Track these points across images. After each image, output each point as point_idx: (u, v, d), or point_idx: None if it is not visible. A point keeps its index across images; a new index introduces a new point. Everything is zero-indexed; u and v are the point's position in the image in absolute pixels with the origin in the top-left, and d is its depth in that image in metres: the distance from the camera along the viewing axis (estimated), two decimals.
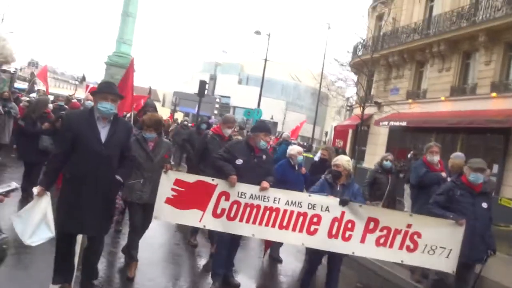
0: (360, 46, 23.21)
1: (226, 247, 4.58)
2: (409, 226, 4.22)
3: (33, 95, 18.05)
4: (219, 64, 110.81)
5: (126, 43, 56.79)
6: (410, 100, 19.93)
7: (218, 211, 4.23)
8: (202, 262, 5.69)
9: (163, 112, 34.94)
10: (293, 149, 5.94)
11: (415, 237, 4.21)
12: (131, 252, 4.53)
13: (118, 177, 3.62)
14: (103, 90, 3.63)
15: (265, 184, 4.29)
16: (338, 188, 4.46)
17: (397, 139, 20.40)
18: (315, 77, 29.54)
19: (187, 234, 6.24)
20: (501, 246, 10.02)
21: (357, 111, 22.91)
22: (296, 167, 5.81)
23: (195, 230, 5.89)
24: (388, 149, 19.39)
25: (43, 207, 3.41)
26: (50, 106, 6.88)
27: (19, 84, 31.03)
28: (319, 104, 35.50)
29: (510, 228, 12.34)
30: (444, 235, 4.23)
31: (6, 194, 2.67)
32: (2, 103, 10.26)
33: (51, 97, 14.71)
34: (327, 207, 4.21)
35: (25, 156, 6.63)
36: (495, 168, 15.14)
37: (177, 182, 4.26)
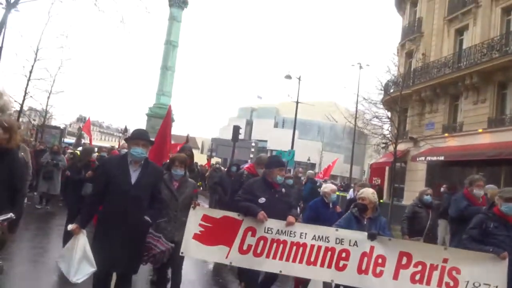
0: (391, 84, 23.28)
1: (256, 286, 4.56)
2: (445, 261, 3.93)
3: (80, 148, 19.34)
4: (255, 109, 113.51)
5: (166, 95, 59.71)
6: (446, 134, 19.52)
7: (245, 247, 4.19)
8: None
9: (201, 159, 35.93)
10: (327, 187, 5.91)
11: (454, 273, 3.88)
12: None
13: (146, 217, 3.73)
14: (135, 137, 3.89)
15: (291, 219, 4.25)
16: (364, 222, 4.36)
17: (436, 174, 19.80)
18: (350, 116, 29.58)
19: (218, 271, 6.41)
20: None
21: (392, 148, 22.65)
22: (331, 205, 5.76)
23: (241, 275, 5.79)
24: (427, 185, 18.83)
25: (81, 244, 3.61)
26: (94, 155, 7.29)
27: (68, 139, 33.29)
28: (357, 143, 35.19)
29: None
30: (486, 270, 3.88)
31: (2, 222, 3.13)
32: (52, 156, 11.18)
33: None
34: (355, 241, 4.07)
35: (71, 204, 6.90)
36: None
37: (205, 218, 4.28)
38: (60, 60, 20.46)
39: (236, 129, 23.18)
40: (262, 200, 4.45)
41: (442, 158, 18.26)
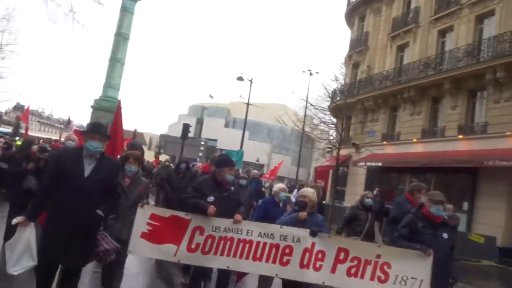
0: (337, 92, 24.57)
1: (200, 279, 4.73)
2: (378, 256, 4.25)
3: (17, 138, 18.44)
4: (206, 108, 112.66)
5: (114, 88, 57.69)
6: (384, 142, 20.99)
7: (193, 246, 4.27)
8: None
9: (149, 155, 35.34)
10: (277, 187, 6.01)
11: (385, 267, 4.21)
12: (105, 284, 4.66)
13: (99, 211, 3.71)
14: (92, 130, 3.84)
15: (238, 217, 4.37)
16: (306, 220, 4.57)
17: (375, 178, 21.25)
18: (299, 120, 30.62)
19: (162, 266, 6.55)
20: (472, 280, 10.58)
21: (335, 152, 23.90)
22: (281, 204, 5.86)
23: (186, 269, 5.79)
24: (366, 188, 20.15)
25: (26, 237, 3.54)
26: (35, 147, 6.78)
27: (3, 128, 31.29)
28: (304, 147, 36.40)
29: (481, 263, 12.98)
30: (414, 265, 4.22)
31: None
32: None
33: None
34: (298, 238, 4.28)
35: (11, 197, 6.48)
36: (465, 206, 15.97)
37: (153, 216, 4.30)
38: None
39: (186, 126, 23.22)
40: (211, 199, 4.52)
41: (380, 164, 19.66)
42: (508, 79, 15.16)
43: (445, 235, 4.55)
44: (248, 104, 25.78)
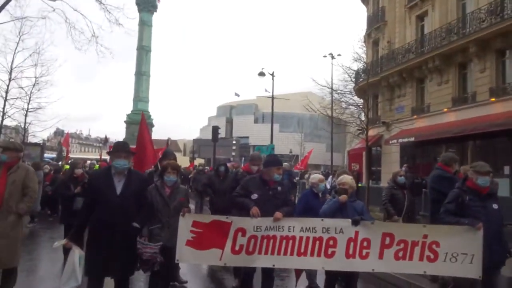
0: (360, 72, 24.20)
1: (251, 280, 4.82)
2: (425, 236, 4.22)
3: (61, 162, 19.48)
4: (234, 107, 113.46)
5: (143, 101, 59.41)
6: (415, 116, 20.52)
7: (237, 248, 4.34)
8: None
9: (183, 161, 36.22)
10: (314, 178, 5.95)
11: (434, 246, 4.19)
12: None
13: (135, 224, 3.98)
14: (117, 149, 4.16)
15: (278, 214, 4.40)
16: (345, 206, 4.61)
17: (409, 154, 20.83)
18: (327, 106, 30.12)
19: (214, 270, 6.81)
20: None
21: (368, 133, 23.61)
22: (320, 195, 5.79)
23: (237, 272, 5.83)
24: (402, 165, 19.81)
25: (72, 258, 3.92)
26: (78, 170, 7.15)
27: (48, 154, 33.07)
28: (336, 132, 35.68)
29: None
30: (463, 241, 4.18)
31: None
32: None
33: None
34: (341, 229, 4.30)
35: (65, 219, 6.95)
36: (507, 170, 15.39)
37: (195, 224, 4.41)
38: (34, 77, 20.43)
39: (215, 129, 23.64)
40: (254, 196, 4.62)
41: (412, 139, 19.25)
42: None
43: (495, 206, 4.42)
44: (272, 98, 25.87)
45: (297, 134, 78.94)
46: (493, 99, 16.14)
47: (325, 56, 28.60)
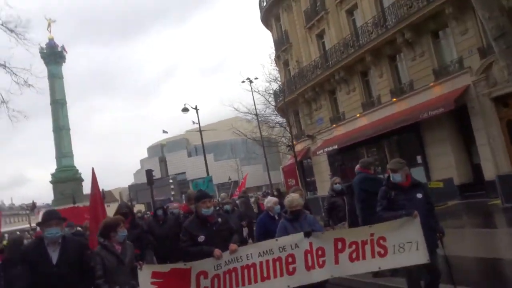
0: (278, 92, 25.61)
1: None
2: (372, 235, 4.43)
3: None
4: (164, 145, 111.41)
5: (67, 156, 56.16)
6: (334, 125, 22.15)
7: None
8: None
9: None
10: (270, 201, 5.97)
11: (381, 241, 4.40)
12: None
13: None
14: (47, 218, 3.95)
15: (233, 246, 4.36)
16: (298, 224, 4.70)
17: (336, 161, 22.33)
18: (255, 128, 30.92)
19: None
20: (446, 222, 11.49)
21: (297, 148, 24.94)
22: (276, 217, 5.76)
23: None
24: (332, 172, 21.16)
25: None
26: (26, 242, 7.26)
27: None
28: (270, 151, 36.52)
29: (447, 204, 14.08)
30: (405, 231, 4.41)
31: None
32: None
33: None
34: (296, 244, 4.35)
35: None
36: (419, 159, 17.22)
37: (154, 274, 4.27)
38: None
39: (149, 172, 23.43)
40: (201, 238, 4.50)
41: (336, 146, 20.74)
42: (416, 37, 16.62)
43: (419, 195, 4.71)
44: (200, 131, 26.30)
45: (232, 160, 79.56)
46: (394, 99, 18.06)
47: (243, 81, 29.84)
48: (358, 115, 20.36)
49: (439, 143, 16.19)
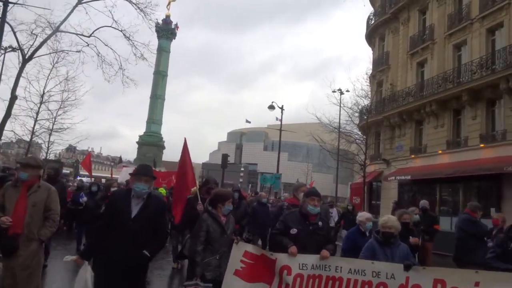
0: (364, 111, 25.75)
1: None
2: (477, 284, 3.91)
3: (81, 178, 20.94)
4: (244, 133, 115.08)
5: (156, 123, 61.24)
6: (412, 156, 21.83)
7: (283, 287, 4.13)
8: None
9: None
10: (362, 216, 5.78)
11: None
12: None
13: (145, 252, 3.72)
14: (138, 172, 3.99)
15: (325, 253, 4.16)
16: (389, 249, 4.44)
17: (406, 192, 22.03)
18: (335, 138, 31.03)
19: None
20: None
21: (369, 169, 24.95)
22: (367, 234, 5.63)
23: None
24: (399, 201, 20.96)
25: (83, 277, 3.68)
26: (114, 189, 7.60)
27: (65, 170, 34.60)
28: (343, 166, 36.34)
29: None
30: None
31: None
32: None
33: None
34: (392, 274, 4.03)
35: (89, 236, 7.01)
36: (493, 212, 16.51)
37: (246, 254, 4.22)
38: (61, 101, 22.18)
39: (224, 156, 25.19)
40: (293, 231, 4.39)
41: (409, 177, 20.52)
42: None
43: None
44: (280, 130, 27.43)
45: (305, 164, 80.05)
46: (482, 145, 17.45)
47: (334, 92, 30.24)
48: (440, 151, 19.90)
49: None
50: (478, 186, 17.98)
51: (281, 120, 27.38)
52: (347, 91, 28.34)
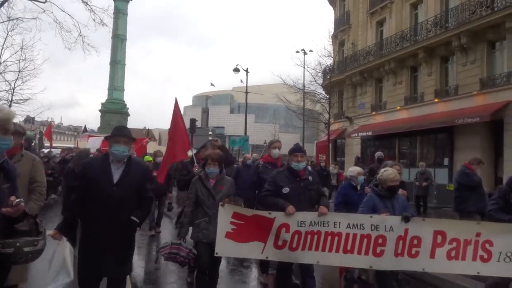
0: (327, 70, 26.41)
1: (288, 274, 4.56)
2: (478, 235, 4.01)
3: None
4: (210, 97, 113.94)
5: (118, 89, 59.76)
6: (373, 113, 22.91)
7: (280, 243, 4.15)
8: None
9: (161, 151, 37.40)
10: (354, 171, 5.77)
11: (487, 245, 3.99)
12: None
13: (134, 218, 3.56)
14: (116, 134, 3.64)
15: (323, 209, 4.18)
16: (390, 202, 4.41)
17: (368, 147, 23.30)
18: (300, 98, 31.64)
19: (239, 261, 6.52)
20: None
21: (334, 127, 25.98)
22: (359, 188, 5.66)
23: (263, 267, 5.55)
24: (362, 156, 22.20)
25: (61, 252, 3.42)
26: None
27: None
28: (310, 125, 37.14)
29: None
30: None
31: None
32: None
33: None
34: (391, 226, 4.07)
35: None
36: (446, 161, 17.98)
37: (235, 215, 4.18)
38: (18, 70, 21.34)
39: (192, 121, 25.30)
40: (286, 190, 4.36)
41: (370, 133, 21.67)
42: (472, 44, 16.91)
43: None
44: (246, 93, 27.72)
45: (272, 125, 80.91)
46: (436, 100, 18.61)
47: (297, 52, 30.55)
48: (398, 107, 21.03)
49: (468, 150, 16.75)
50: (433, 138, 19.34)
51: (246, 83, 27.63)
52: (311, 51, 28.87)
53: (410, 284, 5.69)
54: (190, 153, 6.45)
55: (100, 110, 55.62)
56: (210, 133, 48.77)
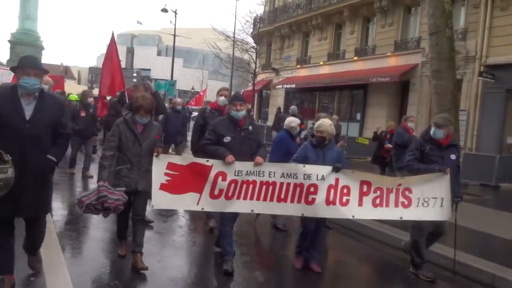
0: (258, 20, 26.34)
1: (230, 223, 4.53)
2: (399, 184, 4.43)
3: None
4: (135, 36, 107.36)
5: (30, 19, 54.28)
6: (298, 66, 23.70)
7: (216, 192, 4.17)
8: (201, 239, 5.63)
9: (79, 90, 35.28)
10: (294, 121, 5.93)
11: (407, 192, 4.40)
12: (135, 242, 4.18)
13: (50, 156, 3.37)
14: (24, 65, 3.28)
15: (259, 159, 4.25)
16: (322, 152, 4.51)
17: (291, 99, 24.29)
18: (230, 45, 31.22)
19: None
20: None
21: (260, 77, 26.46)
22: (298, 138, 5.90)
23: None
24: (284, 108, 23.10)
25: None
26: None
27: None
28: (238, 74, 37.00)
29: (366, 159, 16.58)
30: (433, 186, 4.41)
31: None
32: None
33: None
34: (322, 175, 4.26)
35: None
36: (358, 116, 19.53)
37: (170, 166, 4.10)
38: None
39: None
40: (227, 139, 4.34)
41: (294, 86, 22.53)
42: (391, 6, 17.97)
43: (453, 156, 4.63)
44: (174, 35, 26.84)
45: (200, 71, 79.43)
46: (356, 58, 19.77)
47: None
48: (321, 63, 21.97)
49: (378, 106, 18.41)
50: (350, 94, 20.72)
51: (175, 25, 26.66)
52: None
53: (340, 232, 6.24)
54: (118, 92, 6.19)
55: (9, 41, 50.18)
56: (135, 74, 46.79)
